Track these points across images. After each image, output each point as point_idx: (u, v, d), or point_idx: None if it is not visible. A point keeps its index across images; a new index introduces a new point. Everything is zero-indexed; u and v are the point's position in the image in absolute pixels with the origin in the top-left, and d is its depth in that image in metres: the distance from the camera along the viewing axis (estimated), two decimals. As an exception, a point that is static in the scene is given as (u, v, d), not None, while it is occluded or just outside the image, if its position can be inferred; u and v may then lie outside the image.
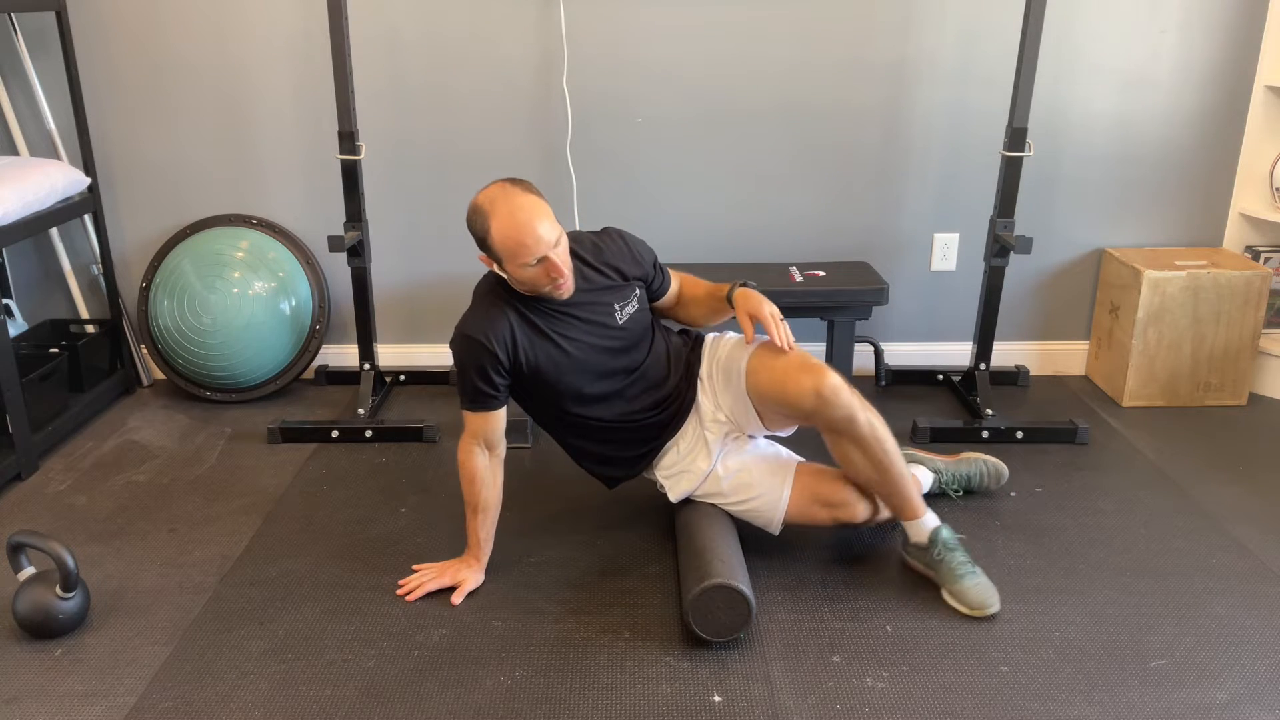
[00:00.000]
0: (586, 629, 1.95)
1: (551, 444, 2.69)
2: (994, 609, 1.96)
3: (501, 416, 2.03)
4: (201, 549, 2.24)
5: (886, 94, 2.98)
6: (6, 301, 3.04)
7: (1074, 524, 2.32)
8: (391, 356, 3.22)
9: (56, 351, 2.90)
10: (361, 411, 2.84)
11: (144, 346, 3.13)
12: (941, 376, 3.14)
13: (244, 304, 2.90)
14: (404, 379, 3.17)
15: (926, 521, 2.04)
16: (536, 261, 1.87)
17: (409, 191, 3.08)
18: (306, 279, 3.05)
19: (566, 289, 1.94)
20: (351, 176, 2.73)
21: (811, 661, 1.85)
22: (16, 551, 1.96)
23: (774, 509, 2.10)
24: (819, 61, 2.95)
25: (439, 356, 3.24)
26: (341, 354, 3.24)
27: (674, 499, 2.18)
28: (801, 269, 2.92)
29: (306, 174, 3.05)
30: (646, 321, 2.14)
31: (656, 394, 2.12)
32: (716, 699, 1.76)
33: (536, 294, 1.96)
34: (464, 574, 2.08)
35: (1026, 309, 3.21)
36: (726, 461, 2.13)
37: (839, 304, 2.77)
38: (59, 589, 1.91)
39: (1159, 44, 2.94)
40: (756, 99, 2.98)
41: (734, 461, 2.13)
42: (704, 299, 2.21)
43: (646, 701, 1.75)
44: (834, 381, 1.92)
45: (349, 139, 2.68)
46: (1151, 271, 2.85)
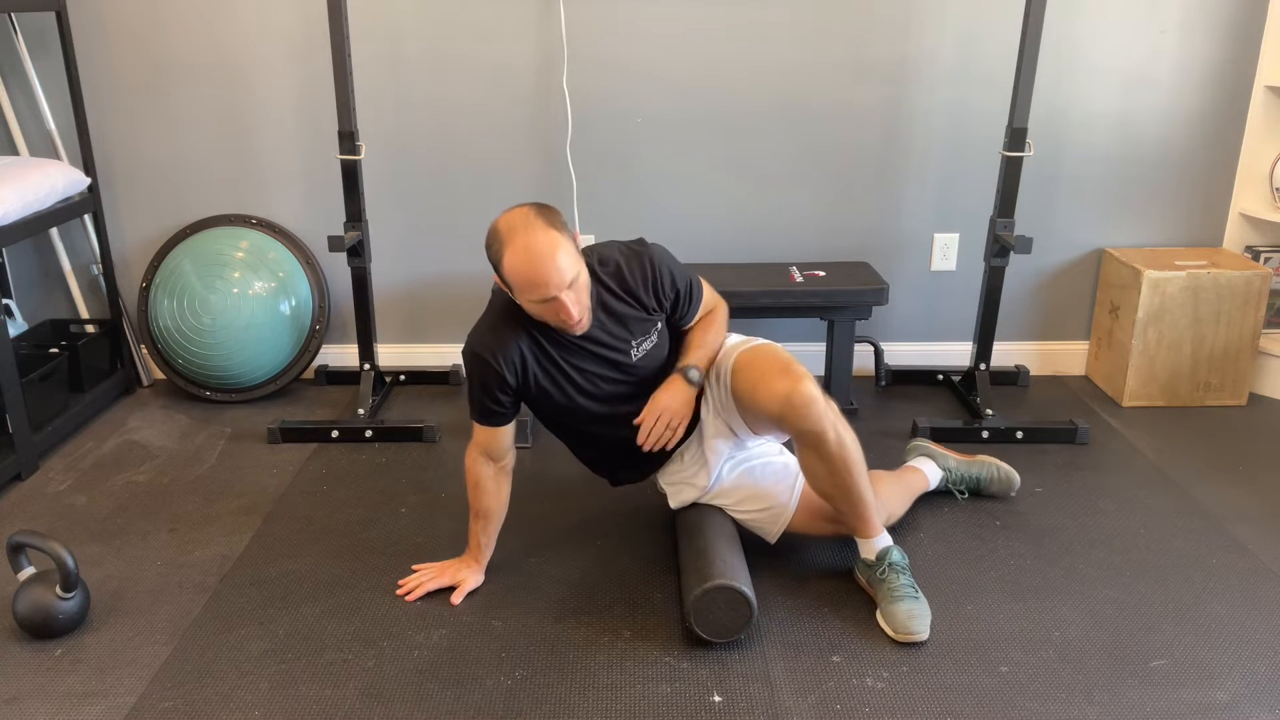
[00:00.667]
0: (586, 629, 1.95)
1: (552, 442, 2.69)
2: (920, 636, 1.88)
3: (508, 432, 2.00)
4: (201, 549, 2.24)
5: (886, 94, 2.98)
6: (6, 301, 3.04)
7: (1074, 524, 2.32)
8: (391, 356, 3.22)
9: (56, 351, 2.90)
10: (361, 411, 2.84)
11: (144, 346, 3.13)
12: (941, 376, 3.14)
13: (244, 304, 2.90)
14: (404, 379, 3.17)
15: (879, 540, 2.00)
16: (546, 300, 1.80)
17: (409, 191, 3.08)
18: (306, 279, 3.05)
19: (578, 329, 1.87)
20: (351, 176, 2.73)
21: (811, 661, 1.85)
22: (16, 551, 1.96)
23: (776, 522, 2.10)
24: (819, 61, 2.95)
25: (439, 356, 3.24)
26: (341, 354, 3.24)
27: (674, 507, 2.17)
28: (801, 269, 2.92)
29: (306, 174, 3.05)
30: (661, 356, 2.05)
31: None
32: (716, 699, 1.76)
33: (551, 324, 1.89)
34: (464, 574, 2.07)
35: (1026, 309, 3.21)
36: (733, 471, 2.11)
37: (839, 304, 2.77)
38: (59, 589, 1.91)
39: (1159, 44, 2.94)
40: (757, 99, 2.98)
41: (741, 471, 2.11)
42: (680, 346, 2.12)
43: (646, 701, 1.75)
44: (808, 391, 1.85)
45: (349, 139, 2.68)
46: (1151, 271, 2.85)
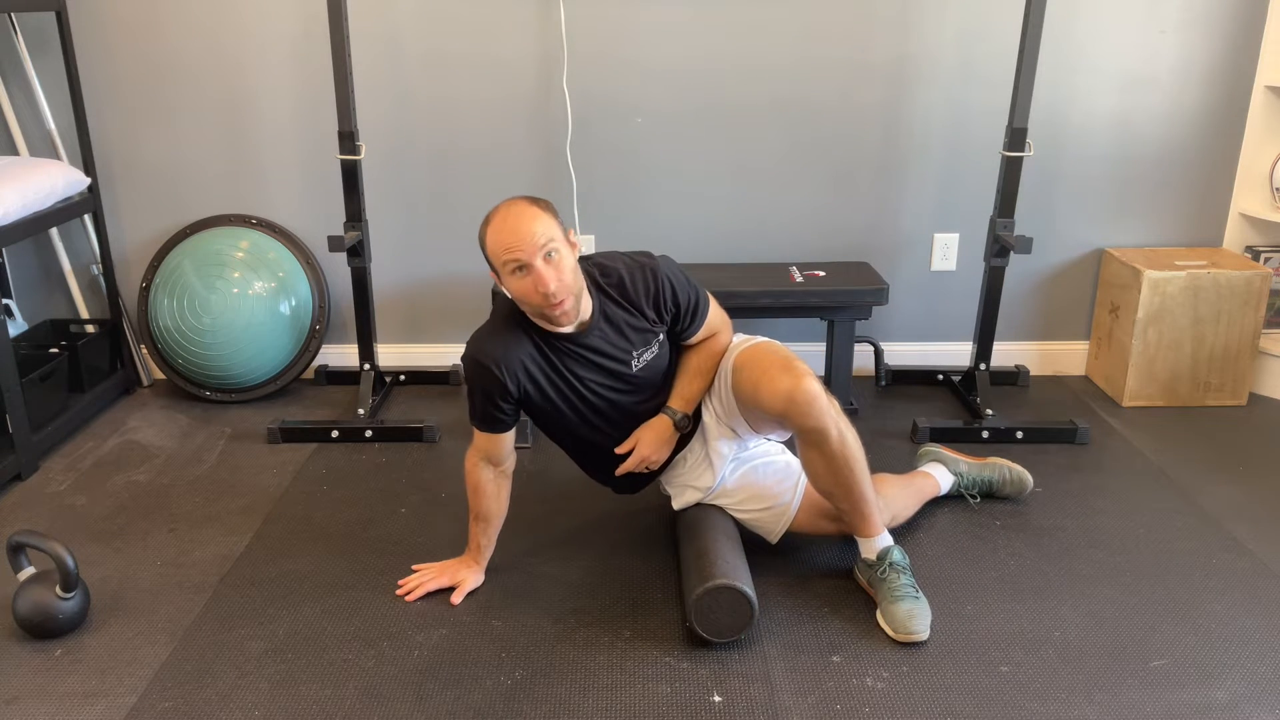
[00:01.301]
0: (586, 629, 1.95)
1: (553, 443, 2.69)
2: (920, 636, 1.88)
3: (509, 438, 1.99)
4: (201, 549, 2.24)
5: (886, 94, 2.98)
6: (6, 301, 3.04)
7: (1074, 524, 2.32)
8: (391, 356, 3.22)
9: (56, 351, 2.90)
10: (361, 411, 2.84)
11: (144, 346, 3.13)
12: (941, 376, 3.14)
13: (244, 304, 2.90)
14: (404, 379, 3.17)
15: (880, 540, 2.00)
16: (521, 268, 1.78)
17: (409, 191, 3.08)
18: (306, 279, 3.05)
19: (562, 309, 1.81)
20: (351, 176, 2.73)
21: (811, 661, 1.85)
22: (16, 551, 1.96)
23: (778, 521, 2.10)
24: (819, 61, 2.95)
25: (439, 356, 3.24)
26: (341, 354, 3.24)
27: (677, 508, 2.17)
28: (801, 269, 2.92)
29: (306, 174, 3.05)
30: (662, 367, 2.04)
31: None
32: (716, 699, 1.75)
33: (544, 318, 1.86)
34: (464, 574, 2.07)
35: (1026, 309, 3.21)
36: (735, 471, 2.11)
37: (839, 304, 2.77)
38: (59, 589, 1.91)
39: (1159, 44, 2.94)
40: (757, 99, 2.98)
41: (743, 471, 2.11)
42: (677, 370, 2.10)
43: (646, 701, 1.75)
44: (810, 389, 1.85)
45: (349, 139, 2.68)
46: (1151, 271, 2.85)
